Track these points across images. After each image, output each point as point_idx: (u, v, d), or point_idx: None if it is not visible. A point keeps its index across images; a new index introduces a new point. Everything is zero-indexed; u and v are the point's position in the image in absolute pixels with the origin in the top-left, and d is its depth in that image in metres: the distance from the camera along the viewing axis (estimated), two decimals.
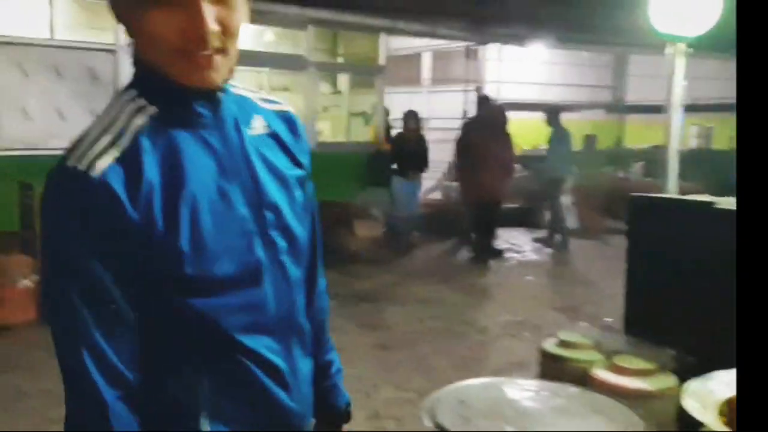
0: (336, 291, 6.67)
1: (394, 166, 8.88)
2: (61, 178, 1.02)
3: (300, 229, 1.22)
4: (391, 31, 9.49)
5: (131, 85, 1.12)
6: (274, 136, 1.22)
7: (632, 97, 13.59)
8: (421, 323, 5.87)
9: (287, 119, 1.27)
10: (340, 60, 10.33)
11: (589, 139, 11.87)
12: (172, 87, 1.07)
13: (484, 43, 10.45)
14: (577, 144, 9.98)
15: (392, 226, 8.73)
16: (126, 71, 7.12)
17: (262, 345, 1.14)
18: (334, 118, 9.98)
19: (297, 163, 1.25)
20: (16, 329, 5.17)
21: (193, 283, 1.06)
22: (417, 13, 9.00)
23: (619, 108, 13.73)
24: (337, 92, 10.27)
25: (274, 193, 1.17)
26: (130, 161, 1.03)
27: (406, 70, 11.30)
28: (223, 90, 1.12)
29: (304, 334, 1.24)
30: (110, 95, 6.76)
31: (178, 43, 1.02)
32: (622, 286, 2.95)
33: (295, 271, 1.20)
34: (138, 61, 1.11)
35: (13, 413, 3.94)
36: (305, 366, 1.24)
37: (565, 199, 9.20)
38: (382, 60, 9.81)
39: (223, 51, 1.05)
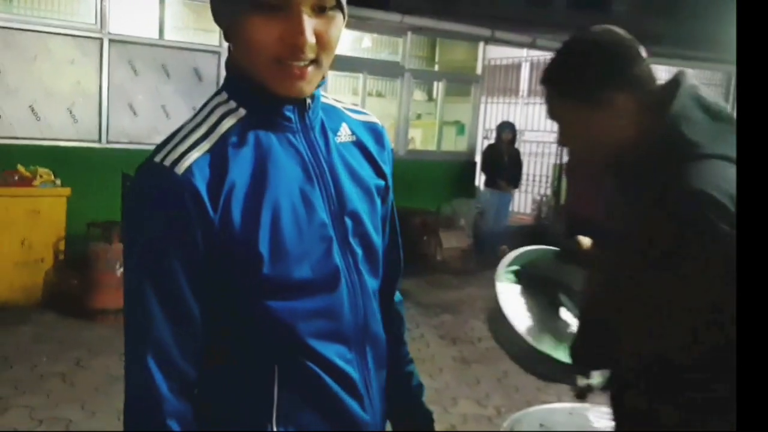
0: (419, 300, 6.66)
1: (484, 177, 8.76)
2: (147, 173, 1.04)
3: (378, 239, 1.21)
4: (490, 41, 9.38)
5: (223, 88, 1.14)
6: (359, 145, 1.23)
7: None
8: None
9: (373, 130, 1.28)
10: (436, 68, 10.29)
11: None
12: (262, 91, 1.08)
13: None
14: None
15: (480, 238, 8.60)
16: None
17: (335, 353, 1.13)
18: (426, 126, 9.94)
19: (380, 174, 1.25)
20: (111, 314, 5.39)
21: (270, 286, 1.06)
22: (517, 23, 8.86)
23: None
24: (431, 100, 10.24)
25: (355, 201, 1.17)
26: (215, 161, 1.04)
27: (503, 80, 11.14)
28: (312, 96, 1.12)
29: (380, 345, 1.22)
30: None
31: (274, 51, 1.02)
32: None
33: (371, 281, 1.19)
34: (232, 65, 1.13)
35: (107, 395, 4.09)
36: (380, 378, 1.22)
37: None
38: (479, 69, 9.72)
39: (316, 63, 1.05)
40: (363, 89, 8.87)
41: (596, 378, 1.65)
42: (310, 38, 1.02)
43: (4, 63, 6.37)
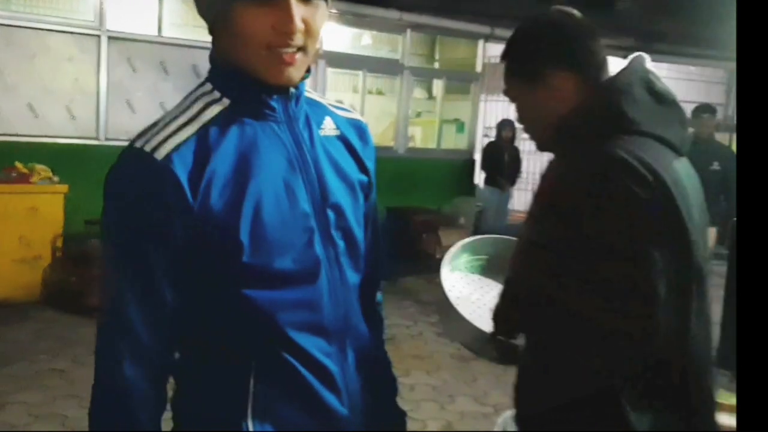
0: (418, 298, 6.65)
1: (484, 175, 8.74)
2: (127, 158, 1.05)
3: (361, 234, 1.22)
4: (490, 38, 9.36)
5: (207, 80, 1.14)
6: (342, 139, 1.24)
7: None
8: None
9: (357, 126, 1.29)
10: (436, 65, 10.28)
11: None
12: (246, 81, 1.08)
13: None
14: None
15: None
16: None
17: (314, 345, 1.12)
18: (426, 124, 9.93)
19: (363, 169, 1.26)
20: None
21: (250, 275, 1.05)
22: (517, 21, 8.84)
23: (728, 127, 13.06)
24: (431, 98, 10.22)
25: (338, 194, 1.17)
26: (196, 148, 1.05)
27: (503, 78, 11.12)
28: (297, 88, 1.13)
29: (362, 339, 1.22)
30: None
31: (265, 39, 1.04)
32: (719, 315, 2.78)
33: (352, 275, 1.19)
34: (216, 57, 1.14)
35: None
36: (362, 372, 1.21)
37: None
38: (479, 67, 9.70)
39: (304, 50, 1.07)
40: (363, 87, 8.85)
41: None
42: (300, 24, 1.03)
43: (3, 60, 6.36)
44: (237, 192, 1.05)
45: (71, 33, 6.65)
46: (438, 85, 9.91)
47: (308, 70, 1.13)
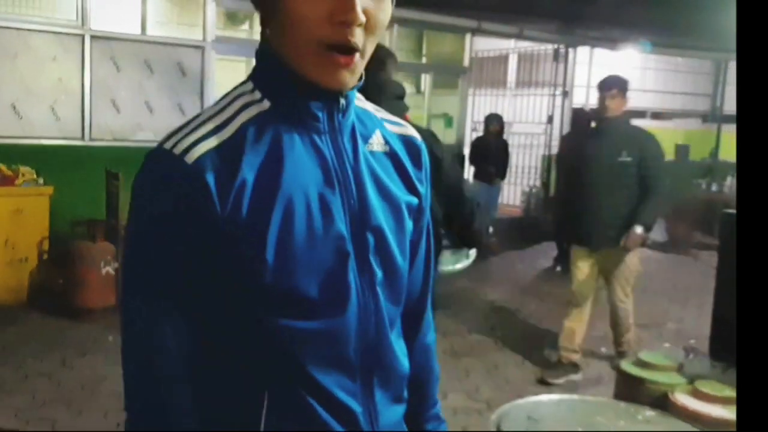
0: None
1: (473, 169, 8.73)
2: (155, 159, 0.97)
3: (404, 262, 1.10)
4: (477, 32, 9.35)
5: (249, 78, 1.05)
6: (392, 157, 1.12)
7: (731, 106, 12.93)
8: (493, 331, 5.72)
9: (411, 143, 1.16)
10: (423, 60, 10.25)
11: (682, 149, 11.35)
12: (292, 83, 0.99)
13: (574, 45, 10.15)
14: (668, 154, 9.58)
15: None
16: (212, 67, 7.32)
17: (336, 383, 1.02)
18: (414, 119, 9.89)
19: (413, 191, 1.13)
20: (97, 312, 5.36)
21: (271, 298, 0.97)
22: (504, 14, 8.82)
23: (715, 117, 13.10)
24: (419, 93, 10.20)
25: (380, 216, 1.06)
26: (228, 154, 0.96)
27: (490, 72, 11.10)
28: (347, 97, 1.03)
29: (394, 377, 1.10)
30: (197, 90, 6.93)
31: (321, 31, 0.94)
32: (710, 306, 2.76)
33: (390, 308, 1.07)
34: (263, 53, 1.04)
35: (94, 394, 4.06)
36: (391, 413, 1.11)
37: None
38: (466, 61, 9.68)
39: (362, 52, 0.97)
40: None
41: None
42: (361, 16, 0.93)
43: None
44: (267, 204, 0.96)
45: (54, 33, 6.57)
46: (426, 80, 9.89)
47: (361, 77, 1.02)
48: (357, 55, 0.96)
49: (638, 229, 4.43)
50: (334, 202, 1.01)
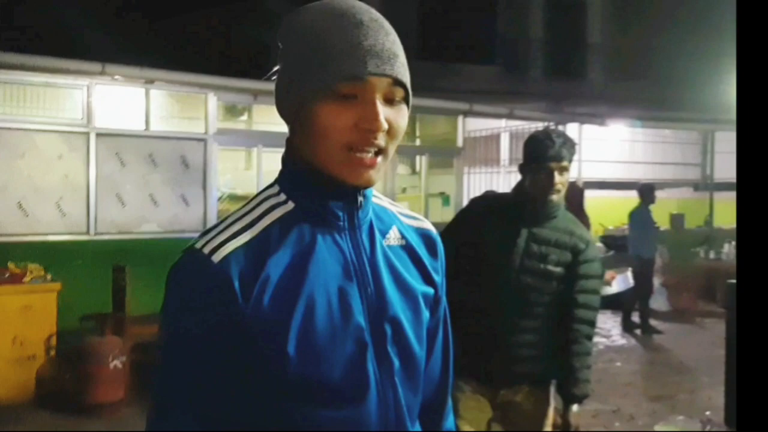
0: None
1: None
2: (186, 258, 1.04)
3: (421, 351, 1.14)
4: (469, 114, 9.61)
5: (276, 181, 1.13)
6: (408, 249, 1.18)
7: (721, 174, 13.16)
8: None
9: (426, 236, 1.23)
10: (417, 142, 10.49)
11: (677, 218, 11.48)
12: (316, 184, 1.07)
13: (563, 123, 10.43)
14: (664, 223, 9.69)
15: None
16: (214, 158, 7.50)
17: None
18: (412, 199, 10.06)
19: (430, 282, 1.19)
20: (106, 408, 5.29)
21: (293, 388, 1.02)
22: (494, 96, 9.11)
23: (707, 186, 13.32)
24: (415, 173, 10.39)
25: (397, 307, 1.11)
26: (254, 253, 1.03)
27: (484, 150, 11.35)
28: (365, 195, 1.11)
29: None
30: (200, 180, 7.03)
31: (347, 137, 1.02)
32: (721, 375, 2.78)
33: (408, 396, 1.11)
34: (289, 158, 1.12)
35: None
36: None
37: (653, 281, 8.89)
38: (459, 141, 9.92)
39: (384, 152, 1.05)
40: None
41: None
42: (384, 124, 1.02)
43: None
44: (289, 300, 1.02)
45: (60, 132, 6.76)
46: (421, 161, 10.10)
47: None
48: (380, 157, 1.05)
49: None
50: (353, 295, 1.06)
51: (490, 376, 2.64)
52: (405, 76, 1.06)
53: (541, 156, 2.56)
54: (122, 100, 7.12)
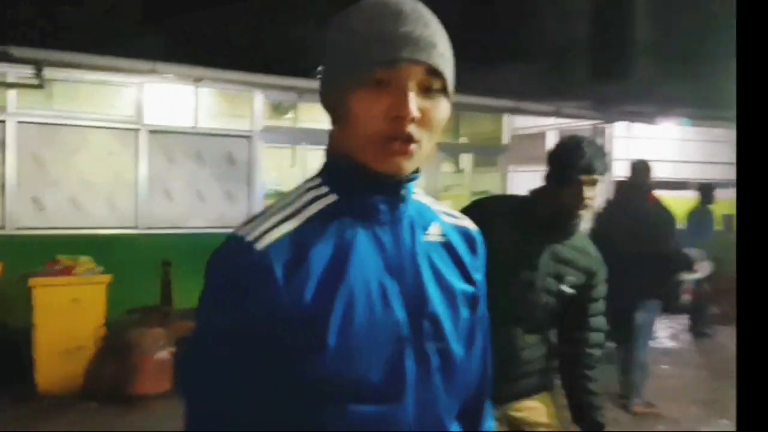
0: None
1: None
2: (228, 245, 1.05)
3: (459, 350, 1.13)
4: (515, 112, 9.53)
5: (318, 174, 1.14)
6: (448, 247, 1.18)
7: None
8: None
9: (466, 234, 1.23)
10: (462, 140, 10.44)
11: (729, 219, 11.20)
12: (356, 178, 1.07)
13: (612, 121, 10.26)
14: (717, 224, 9.47)
15: None
16: (259, 155, 7.59)
17: None
18: (456, 198, 10.02)
19: (469, 280, 1.19)
20: (151, 399, 5.40)
21: (330, 382, 1.01)
22: (541, 94, 9.00)
23: None
24: (459, 171, 10.35)
25: (436, 304, 1.10)
26: (295, 243, 1.03)
27: (530, 148, 11.23)
28: (406, 190, 1.10)
29: None
30: (245, 177, 7.13)
31: (379, 125, 1.02)
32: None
33: (446, 393, 1.10)
34: (330, 150, 1.13)
35: None
36: None
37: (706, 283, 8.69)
38: (505, 139, 9.84)
39: (419, 143, 1.04)
40: None
41: None
42: (415, 112, 1.01)
43: (47, 157, 6.64)
44: (329, 292, 1.01)
45: (111, 129, 6.93)
46: (465, 159, 10.04)
47: (418, 170, 1.10)
48: (414, 145, 1.03)
49: None
50: (393, 290, 1.06)
51: (495, 391, 2.41)
52: (443, 65, 1.05)
53: (570, 167, 2.33)
54: (172, 98, 7.26)
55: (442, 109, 1.07)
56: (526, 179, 10.65)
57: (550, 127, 11.09)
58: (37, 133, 6.61)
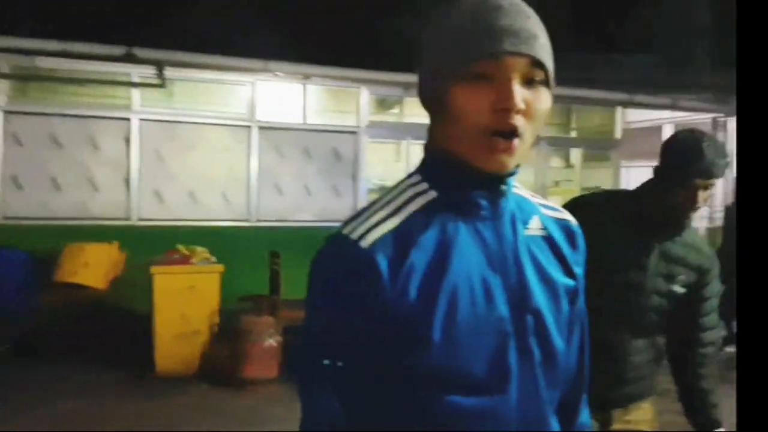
0: None
1: None
2: (333, 243, 1.07)
3: (561, 344, 1.13)
4: (629, 105, 9.19)
5: (418, 170, 1.14)
6: (549, 240, 1.17)
7: None
8: None
9: (566, 227, 1.22)
10: (573, 134, 10.19)
11: None
12: (457, 174, 1.07)
13: (731, 115, 9.70)
14: None
15: None
16: (364, 150, 7.72)
17: None
18: (566, 193, 9.78)
19: (570, 274, 1.18)
20: (259, 384, 5.63)
21: (434, 375, 1.02)
22: (656, 86, 8.64)
23: None
24: (569, 166, 10.10)
25: (539, 298, 1.10)
26: (399, 239, 1.04)
27: (644, 143, 10.80)
28: (507, 184, 1.10)
29: None
30: (350, 172, 7.27)
31: (482, 119, 1.01)
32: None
33: (548, 388, 1.10)
34: (430, 147, 1.13)
35: None
36: None
37: None
38: (617, 133, 9.51)
39: (521, 137, 1.03)
40: None
41: None
42: (520, 104, 1.00)
43: (167, 153, 7.05)
44: (433, 287, 1.02)
45: (226, 125, 7.26)
46: (576, 153, 9.79)
47: (518, 164, 1.08)
48: (517, 140, 1.02)
49: None
50: (496, 284, 1.06)
51: (601, 399, 2.17)
52: (544, 57, 1.04)
53: (686, 169, 2.15)
54: (281, 96, 7.51)
55: (544, 100, 1.05)
56: (639, 175, 10.26)
57: (666, 121, 10.61)
58: (158, 130, 7.02)
